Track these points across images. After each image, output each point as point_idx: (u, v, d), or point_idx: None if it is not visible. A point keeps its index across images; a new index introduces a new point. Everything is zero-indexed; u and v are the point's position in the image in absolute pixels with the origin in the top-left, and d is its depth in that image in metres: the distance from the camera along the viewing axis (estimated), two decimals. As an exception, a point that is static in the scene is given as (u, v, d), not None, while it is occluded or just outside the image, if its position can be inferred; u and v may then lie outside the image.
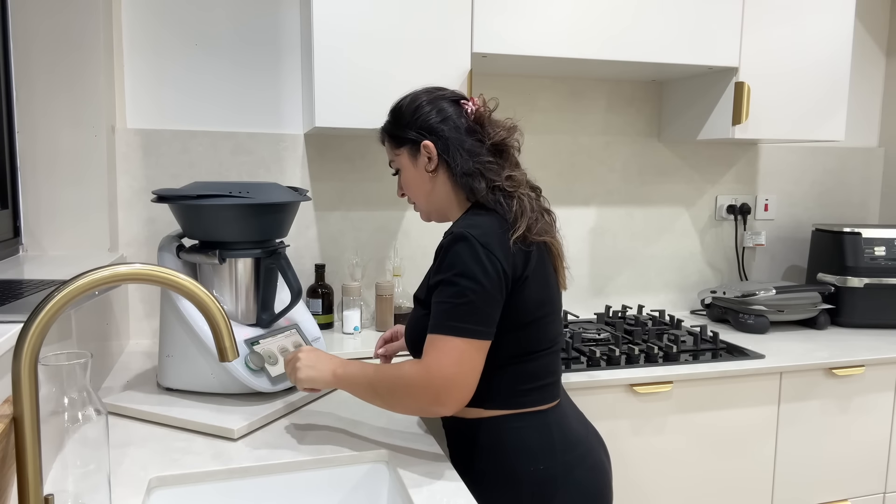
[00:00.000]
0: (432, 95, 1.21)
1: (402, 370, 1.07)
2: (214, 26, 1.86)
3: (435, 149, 1.17)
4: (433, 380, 1.03)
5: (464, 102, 1.20)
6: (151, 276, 0.76)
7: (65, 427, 0.82)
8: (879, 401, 1.87)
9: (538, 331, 1.14)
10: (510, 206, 1.12)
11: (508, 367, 1.13)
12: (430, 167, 1.18)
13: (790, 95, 1.99)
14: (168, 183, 1.85)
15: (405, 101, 1.23)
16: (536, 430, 1.14)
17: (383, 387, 1.09)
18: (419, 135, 1.18)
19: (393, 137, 1.23)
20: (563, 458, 1.14)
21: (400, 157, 1.22)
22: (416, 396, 1.05)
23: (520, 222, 1.10)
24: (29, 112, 1.60)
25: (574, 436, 1.18)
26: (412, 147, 1.20)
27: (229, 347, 0.81)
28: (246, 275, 1.42)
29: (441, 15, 1.69)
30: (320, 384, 1.17)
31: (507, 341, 1.11)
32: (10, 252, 1.57)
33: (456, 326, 1.04)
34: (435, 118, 1.18)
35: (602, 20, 1.78)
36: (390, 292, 1.92)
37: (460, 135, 1.17)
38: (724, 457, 1.75)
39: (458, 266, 1.06)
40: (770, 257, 2.44)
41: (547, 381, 1.17)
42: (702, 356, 1.80)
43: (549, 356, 1.17)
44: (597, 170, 2.23)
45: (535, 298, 1.12)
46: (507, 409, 1.14)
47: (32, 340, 0.72)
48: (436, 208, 1.23)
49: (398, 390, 1.07)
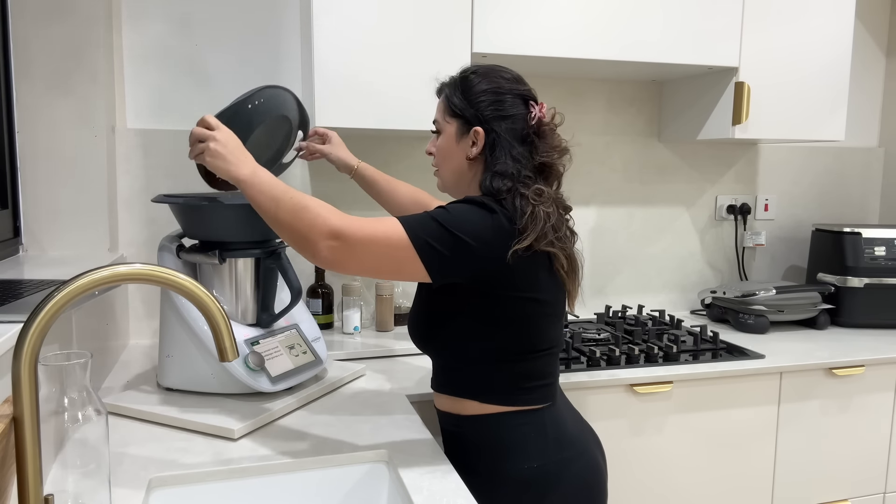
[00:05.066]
0: (506, 86, 1.16)
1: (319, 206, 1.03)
2: (214, 26, 1.86)
3: (484, 141, 1.14)
4: (344, 223, 1.01)
5: (532, 105, 1.16)
6: (151, 276, 0.76)
7: (65, 427, 0.82)
8: (879, 401, 1.87)
9: (540, 330, 1.14)
10: (523, 212, 1.08)
11: (509, 363, 1.13)
12: (470, 153, 1.16)
13: (790, 95, 1.99)
14: (168, 183, 1.85)
15: (480, 75, 1.17)
16: (532, 428, 1.14)
17: (291, 202, 1.03)
18: (476, 118, 1.15)
19: (451, 105, 1.19)
20: (557, 456, 1.14)
21: (447, 126, 1.19)
22: (312, 222, 1.01)
23: (529, 231, 1.06)
24: (29, 112, 1.60)
25: (569, 435, 1.18)
26: (464, 124, 1.17)
27: (229, 347, 0.81)
28: (246, 275, 1.42)
29: (441, 15, 1.69)
30: (223, 172, 1.08)
31: (503, 337, 1.11)
32: (10, 252, 1.57)
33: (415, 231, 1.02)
34: (499, 111, 1.14)
35: (602, 20, 1.78)
36: (390, 292, 1.92)
37: (512, 139, 1.13)
38: (724, 457, 1.75)
39: (456, 212, 1.05)
40: (770, 257, 2.44)
41: (545, 381, 1.17)
42: (702, 356, 1.80)
43: (548, 357, 1.17)
44: (597, 170, 2.23)
45: (537, 300, 1.11)
46: (503, 405, 1.15)
47: (32, 340, 0.72)
48: (454, 186, 1.22)
49: (301, 211, 1.02)
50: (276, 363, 1.36)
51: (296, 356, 1.41)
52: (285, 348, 1.41)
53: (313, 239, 1.01)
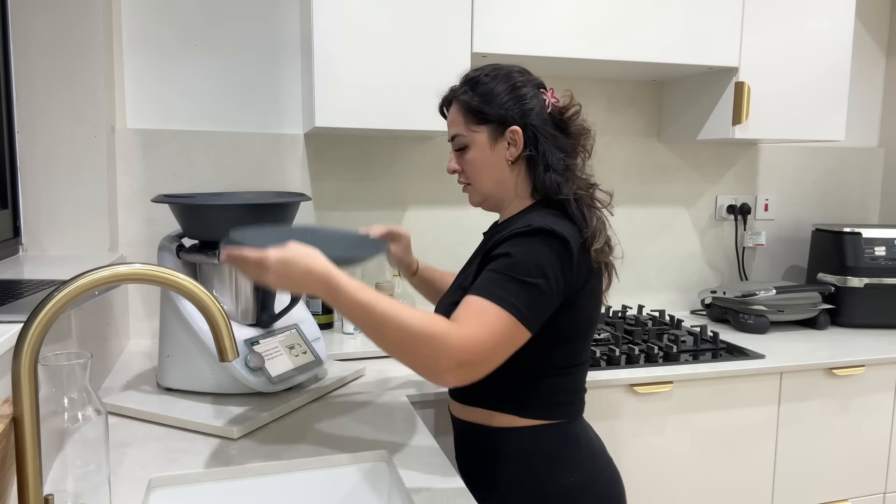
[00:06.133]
0: (521, 77, 1.11)
1: (430, 322, 0.91)
2: (214, 26, 1.86)
3: (523, 137, 1.09)
4: (465, 349, 0.90)
5: (543, 92, 1.11)
6: (151, 276, 0.76)
7: (65, 427, 0.82)
8: (879, 401, 1.87)
9: (582, 346, 1.12)
10: (590, 219, 1.04)
11: (551, 377, 1.10)
12: (511, 155, 1.09)
13: (790, 95, 1.99)
14: (168, 183, 1.85)
15: (489, 75, 1.11)
16: (568, 441, 1.12)
17: (399, 332, 0.91)
18: (509, 118, 1.08)
19: (474, 113, 1.11)
20: (591, 469, 1.12)
21: (476, 135, 1.11)
22: (435, 358, 0.90)
23: (598, 237, 1.04)
24: (29, 112, 1.60)
25: (596, 447, 1.17)
26: (496, 128, 1.09)
27: (229, 347, 0.81)
28: (246, 275, 1.42)
29: (441, 15, 1.69)
30: (301, 288, 0.94)
31: (556, 352, 1.08)
32: (10, 252, 1.57)
33: (510, 302, 0.94)
34: (525, 104, 1.08)
35: (602, 20, 1.78)
36: (390, 292, 1.92)
37: (549, 128, 1.08)
38: (724, 457, 1.75)
39: (531, 252, 0.98)
40: (770, 257, 2.44)
41: (579, 394, 1.16)
42: (702, 356, 1.80)
43: (584, 370, 1.16)
44: (597, 170, 2.21)
45: (586, 313, 1.08)
46: (542, 419, 1.11)
47: (32, 340, 0.72)
48: (498, 197, 1.15)
49: (419, 344, 0.90)
50: (276, 363, 1.36)
51: (296, 356, 1.41)
52: (285, 348, 1.41)
53: (439, 373, 0.92)
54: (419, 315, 0.92)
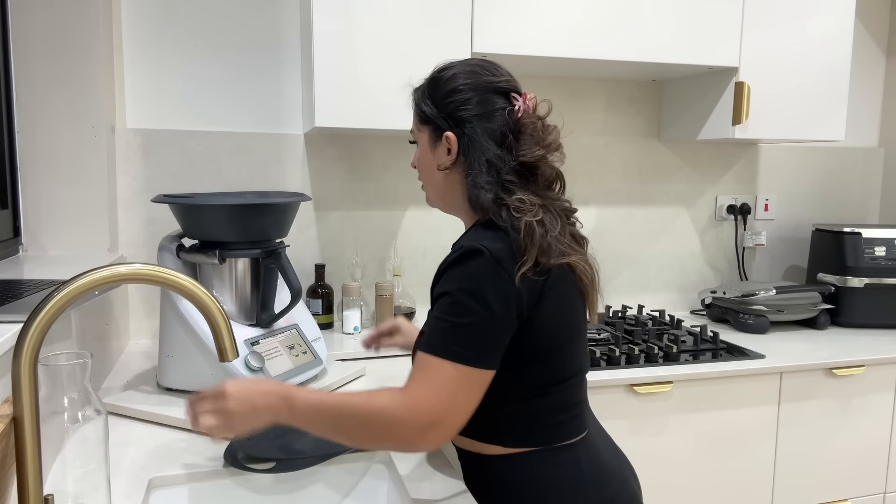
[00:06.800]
0: (479, 80, 1.03)
1: (377, 402, 0.89)
2: (214, 26, 1.86)
3: (457, 145, 1.02)
4: (418, 415, 0.87)
5: (514, 97, 1.02)
6: (151, 276, 0.76)
7: (65, 427, 0.82)
8: (879, 401, 1.87)
9: (561, 359, 1.00)
10: (517, 230, 0.95)
11: (530, 400, 0.99)
12: (445, 162, 1.04)
13: (790, 95, 1.99)
14: (168, 183, 1.85)
15: (446, 73, 1.06)
16: (566, 468, 1.01)
17: (353, 422, 0.90)
18: (446, 122, 1.03)
19: (418, 111, 1.08)
20: (597, 495, 1.01)
21: (421, 135, 1.08)
22: (394, 434, 0.88)
23: (528, 251, 0.94)
24: (29, 112, 1.60)
25: (607, 469, 1.05)
26: (435, 130, 1.05)
27: (229, 347, 0.81)
28: (246, 275, 1.42)
29: (441, 15, 1.69)
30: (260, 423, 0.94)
31: (528, 373, 0.98)
32: (10, 252, 1.57)
33: (452, 350, 0.89)
34: (468, 110, 1.01)
35: (602, 20, 1.78)
36: (390, 292, 1.92)
37: (488, 140, 1.00)
38: (724, 457, 1.75)
39: (464, 281, 0.92)
40: (770, 257, 2.44)
41: (573, 412, 1.04)
42: (702, 356, 1.80)
43: (576, 384, 1.04)
44: (596, 170, 2.23)
45: (552, 325, 0.97)
46: (530, 446, 1.01)
47: (32, 340, 0.72)
48: (442, 201, 1.11)
49: (373, 426, 0.88)
50: (276, 363, 1.36)
51: (296, 356, 1.41)
52: (285, 348, 1.41)
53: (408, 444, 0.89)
54: (363, 396, 0.90)
